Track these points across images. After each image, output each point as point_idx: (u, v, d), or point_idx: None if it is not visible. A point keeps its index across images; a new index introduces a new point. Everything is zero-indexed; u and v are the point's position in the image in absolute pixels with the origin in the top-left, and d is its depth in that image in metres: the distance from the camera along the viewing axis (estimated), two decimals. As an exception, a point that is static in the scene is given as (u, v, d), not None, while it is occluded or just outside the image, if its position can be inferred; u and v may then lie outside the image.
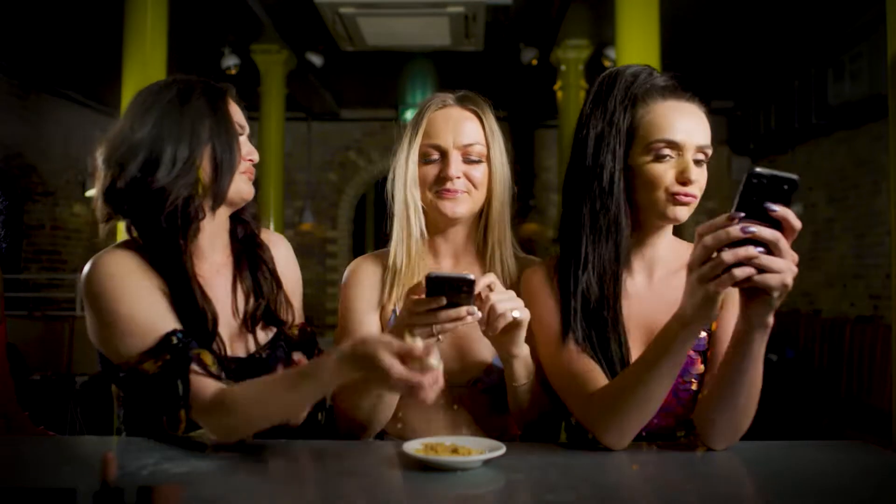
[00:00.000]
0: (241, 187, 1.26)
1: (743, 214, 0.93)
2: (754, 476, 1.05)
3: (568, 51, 5.41)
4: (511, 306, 1.12)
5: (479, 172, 1.32)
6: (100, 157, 1.22)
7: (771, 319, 1.00)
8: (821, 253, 6.30)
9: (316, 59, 5.64)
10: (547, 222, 7.71)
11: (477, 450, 1.05)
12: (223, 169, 1.21)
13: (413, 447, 1.05)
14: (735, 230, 0.93)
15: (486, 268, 1.35)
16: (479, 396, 1.33)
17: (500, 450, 1.03)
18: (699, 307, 0.99)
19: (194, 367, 1.13)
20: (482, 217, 1.36)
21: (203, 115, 1.21)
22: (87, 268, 1.19)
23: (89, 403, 1.66)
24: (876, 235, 5.48)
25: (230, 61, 5.57)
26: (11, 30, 5.11)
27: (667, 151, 1.17)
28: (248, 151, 1.27)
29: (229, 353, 1.22)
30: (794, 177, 0.92)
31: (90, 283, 1.17)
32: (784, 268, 0.93)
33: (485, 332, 1.15)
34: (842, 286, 5.99)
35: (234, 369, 1.21)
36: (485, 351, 1.31)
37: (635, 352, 1.20)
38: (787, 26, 5.04)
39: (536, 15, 4.85)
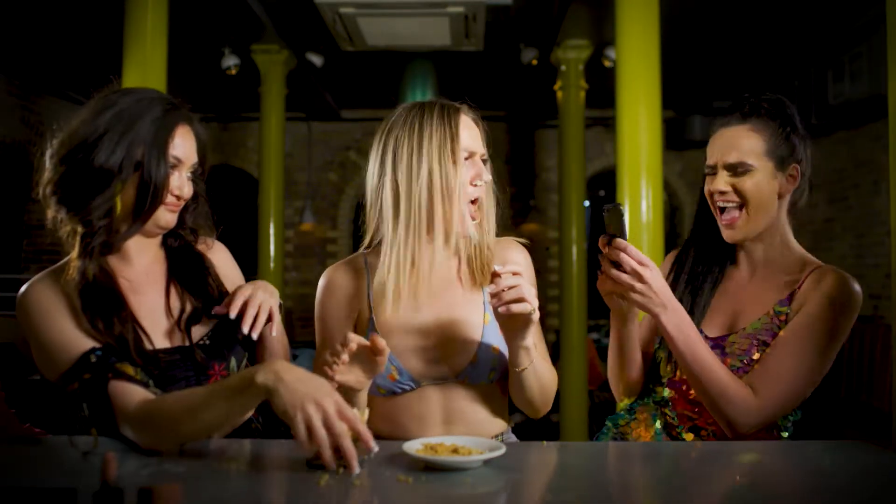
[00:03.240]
0: (158, 217, 1.27)
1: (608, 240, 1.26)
2: (754, 476, 1.06)
3: (568, 51, 5.40)
4: (532, 300, 1.17)
5: (489, 179, 1.37)
6: (47, 151, 1.26)
7: (665, 323, 1.28)
8: (821, 253, 6.27)
9: (316, 59, 5.63)
10: (547, 222, 7.71)
11: (477, 450, 1.05)
12: (147, 198, 1.22)
13: (413, 447, 1.05)
14: (602, 239, 1.27)
15: (461, 262, 1.37)
16: (467, 389, 1.34)
17: (500, 450, 1.04)
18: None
19: (116, 378, 1.15)
20: None
21: (143, 140, 1.21)
22: (18, 295, 1.24)
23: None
24: (876, 235, 5.48)
25: (230, 61, 5.56)
26: (12, 30, 5.11)
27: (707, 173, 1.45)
28: (176, 186, 1.27)
29: (161, 347, 1.25)
30: (619, 204, 1.28)
31: (18, 311, 1.23)
32: (627, 283, 1.25)
33: (494, 307, 1.18)
34: (842, 286, 5.98)
35: (171, 361, 1.24)
36: (468, 346, 1.32)
37: (711, 329, 1.42)
38: (786, 26, 5.03)
39: (536, 15, 4.85)
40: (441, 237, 1.31)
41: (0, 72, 5.84)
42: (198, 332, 1.30)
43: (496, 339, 1.32)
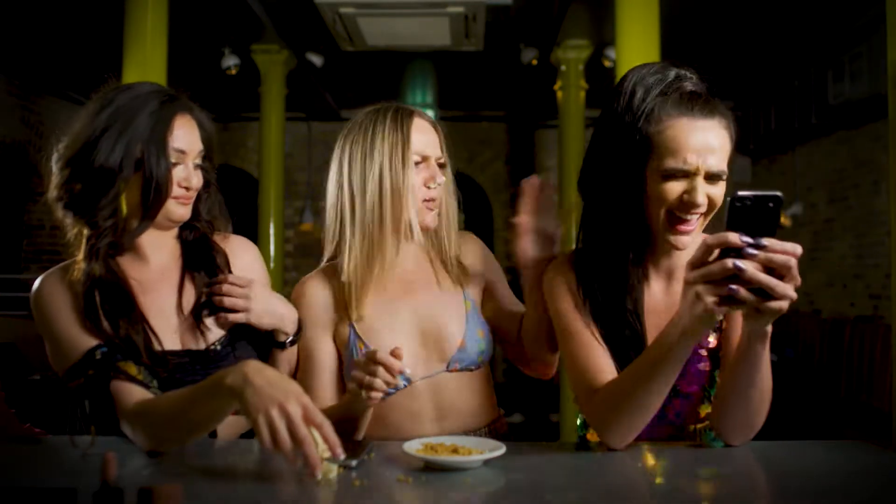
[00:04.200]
0: (169, 211, 1.24)
1: (749, 240, 0.93)
2: (755, 476, 1.06)
3: (568, 51, 5.41)
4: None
5: (443, 179, 1.39)
6: (53, 155, 1.25)
7: (769, 329, 1.02)
8: (821, 253, 6.30)
9: (316, 59, 5.63)
10: (547, 222, 7.69)
11: (477, 450, 1.05)
12: (150, 195, 1.20)
13: (413, 447, 1.05)
14: (734, 238, 0.94)
15: (436, 261, 1.43)
16: (456, 380, 1.36)
17: (500, 450, 1.04)
18: (698, 320, 1.00)
19: (118, 377, 1.15)
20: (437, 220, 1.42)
21: (141, 136, 1.20)
22: (32, 289, 1.24)
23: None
24: (876, 235, 5.48)
25: (230, 61, 5.56)
26: (12, 30, 5.11)
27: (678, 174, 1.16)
28: (183, 178, 1.24)
29: (173, 348, 1.24)
30: (778, 193, 0.94)
31: (32, 305, 1.23)
32: (785, 293, 0.94)
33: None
34: (842, 286, 5.99)
35: (180, 364, 1.22)
36: (455, 332, 1.36)
37: None
38: (786, 26, 5.03)
39: (536, 15, 4.85)
40: (399, 236, 1.36)
41: (0, 72, 5.84)
42: (212, 335, 1.28)
43: (480, 324, 1.38)
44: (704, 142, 1.14)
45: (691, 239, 1.17)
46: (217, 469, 1.06)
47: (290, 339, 1.32)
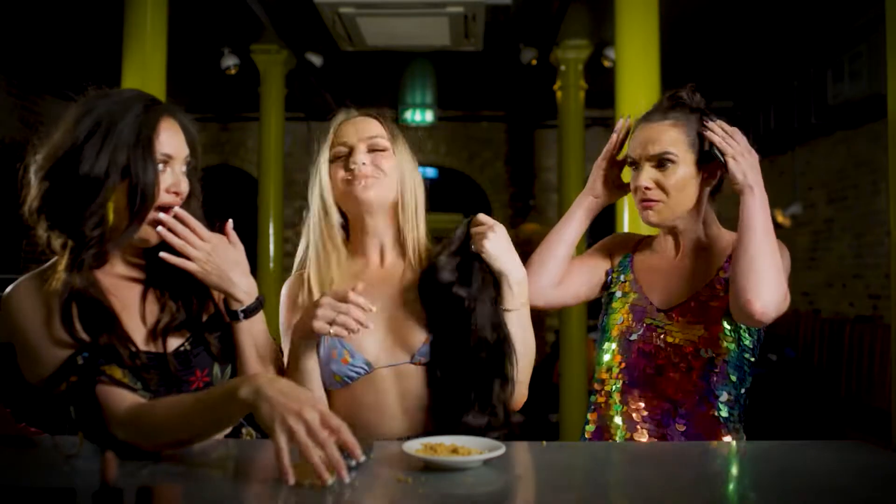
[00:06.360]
0: (143, 232, 1.20)
1: None
2: (754, 476, 1.06)
3: (568, 51, 5.41)
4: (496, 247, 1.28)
5: (386, 162, 1.39)
6: (32, 166, 1.22)
7: (750, 180, 1.32)
8: (820, 253, 6.30)
9: (315, 59, 5.63)
10: (547, 222, 7.71)
11: (477, 450, 1.05)
12: (137, 200, 1.17)
13: (413, 447, 1.05)
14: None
15: (406, 260, 1.42)
16: (420, 372, 1.33)
17: (500, 450, 1.04)
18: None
19: (104, 380, 1.13)
20: (397, 210, 1.41)
21: (126, 141, 1.16)
22: (4, 294, 1.21)
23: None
24: (875, 235, 5.48)
25: (230, 61, 5.57)
26: (12, 30, 5.11)
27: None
28: (172, 183, 1.21)
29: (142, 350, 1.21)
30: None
31: (3, 312, 1.19)
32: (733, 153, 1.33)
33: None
34: (841, 286, 5.99)
35: (152, 364, 1.20)
36: (421, 329, 1.35)
37: (654, 301, 1.47)
38: (786, 26, 5.04)
39: (536, 15, 4.85)
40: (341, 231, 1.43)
41: (0, 72, 5.84)
42: (177, 337, 1.25)
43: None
44: (646, 136, 1.43)
45: (659, 217, 1.44)
46: (217, 469, 1.06)
47: (243, 308, 1.26)
